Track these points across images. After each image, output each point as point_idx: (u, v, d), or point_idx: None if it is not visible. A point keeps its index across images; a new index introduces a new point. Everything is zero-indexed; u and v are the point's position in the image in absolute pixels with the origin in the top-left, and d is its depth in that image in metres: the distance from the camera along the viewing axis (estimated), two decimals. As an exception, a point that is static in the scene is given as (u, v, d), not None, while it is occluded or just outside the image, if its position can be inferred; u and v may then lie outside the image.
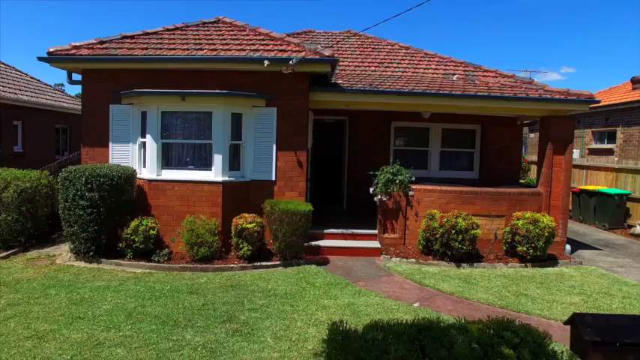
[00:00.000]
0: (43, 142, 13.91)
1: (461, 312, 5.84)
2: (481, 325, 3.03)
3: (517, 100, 8.40)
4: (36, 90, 14.23)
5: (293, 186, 8.15)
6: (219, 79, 7.88)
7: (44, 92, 14.54)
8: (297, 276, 6.98)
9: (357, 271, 7.49)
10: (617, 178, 12.31)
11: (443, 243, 7.76)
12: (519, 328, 3.01)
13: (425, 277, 7.18)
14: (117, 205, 7.32)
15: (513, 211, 8.33)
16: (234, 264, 7.39)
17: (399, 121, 10.46)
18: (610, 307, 6.10)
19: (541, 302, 6.21)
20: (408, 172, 8.43)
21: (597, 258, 8.98)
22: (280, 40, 8.36)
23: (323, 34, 13.24)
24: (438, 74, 10.41)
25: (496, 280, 7.12)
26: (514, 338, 2.80)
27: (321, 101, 8.48)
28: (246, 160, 8.09)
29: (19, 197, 7.66)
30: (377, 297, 6.22)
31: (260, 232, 7.44)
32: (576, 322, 2.70)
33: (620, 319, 2.65)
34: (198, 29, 9.04)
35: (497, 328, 2.98)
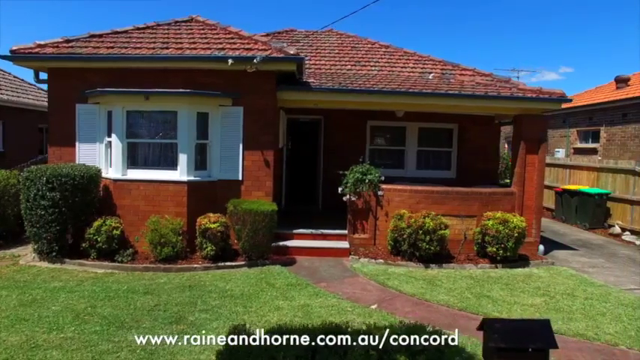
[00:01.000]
0: (26, 142, 13.88)
1: (418, 314, 5.78)
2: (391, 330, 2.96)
3: (487, 99, 8.33)
4: (18, 89, 14.21)
5: (260, 185, 8.09)
6: (185, 79, 7.83)
7: (27, 92, 14.52)
8: (259, 277, 6.93)
9: (322, 271, 7.43)
10: (599, 177, 12.21)
11: (410, 243, 7.69)
12: (431, 334, 2.95)
13: (390, 278, 7.11)
14: (81, 205, 7.29)
15: (485, 211, 8.24)
16: (198, 264, 7.35)
17: (374, 120, 10.40)
18: (570, 309, 6.02)
19: (502, 304, 6.13)
20: (377, 172, 8.35)
21: (571, 258, 8.90)
22: (248, 39, 8.30)
23: (304, 33, 13.15)
24: (414, 73, 10.32)
25: (461, 282, 7.05)
26: (416, 346, 2.73)
27: (289, 100, 8.42)
28: (213, 160, 8.04)
29: (-15, 197, 7.64)
30: (335, 298, 6.16)
31: (224, 232, 7.38)
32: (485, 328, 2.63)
33: (529, 324, 2.58)
34: (169, 28, 8.99)
35: (407, 333, 2.92)
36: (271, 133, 8.07)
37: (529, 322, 2.72)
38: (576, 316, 5.77)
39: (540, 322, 2.66)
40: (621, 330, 5.37)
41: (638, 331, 5.34)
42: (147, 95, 7.41)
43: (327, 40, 12.67)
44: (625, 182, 11.35)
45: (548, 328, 2.57)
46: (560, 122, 16.18)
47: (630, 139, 12.89)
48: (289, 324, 3.55)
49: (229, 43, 8.14)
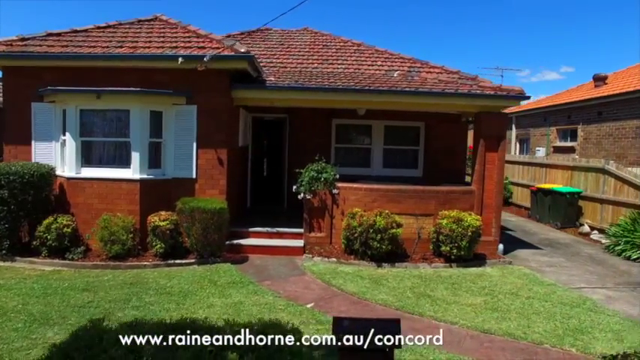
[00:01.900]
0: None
1: (352, 313, 5.77)
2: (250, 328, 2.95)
3: (444, 96, 8.30)
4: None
5: (214, 184, 8.11)
6: (141, 77, 7.85)
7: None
8: (204, 274, 6.96)
9: (271, 270, 7.44)
10: (572, 176, 12.11)
11: (362, 242, 7.68)
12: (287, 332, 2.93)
13: (336, 277, 7.11)
14: (33, 203, 7.35)
15: (442, 210, 8.21)
16: (148, 262, 7.40)
17: (340, 118, 10.38)
18: (508, 308, 5.99)
19: (440, 304, 6.10)
20: (333, 170, 8.35)
21: (532, 258, 8.83)
22: (204, 38, 8.32)
23: (279, 32, 13.17)
24: (380, 71, 10.29)
25: (408, 281, 7.02)
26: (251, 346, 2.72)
27: (245, 98, 8.44)
28: (167, 158, 8.08)
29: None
30: (272, 296, 6.17)
31: (173, 229, 7.43)
32: (333, 327, 2.63)
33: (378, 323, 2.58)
34: (130, 27, 9.03)
35: (263, 331, 2.91)
36: (225, 132, 8.09)
37: (378, 322, 2.70)
38: (511, 315, 5.74)
39: (390, 322, 2.65)
40: (551, 329, 5.34)
41: (567, 329, 5.31)
42: (98, 94, 7.45)
43: (301, 38, 12.67)
44: (595, 181, 11.25)
45: (397, 327, 2.56)
46: (541, 121, 16.06)
47: (605, 138, 12.77)
48: (180, 321, 3.56)
49: (184, 42, 8.17)
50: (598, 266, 8.36)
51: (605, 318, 5.73)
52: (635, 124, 11.74)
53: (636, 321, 5.70)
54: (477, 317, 5.65)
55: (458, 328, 5.39)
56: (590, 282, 7.39)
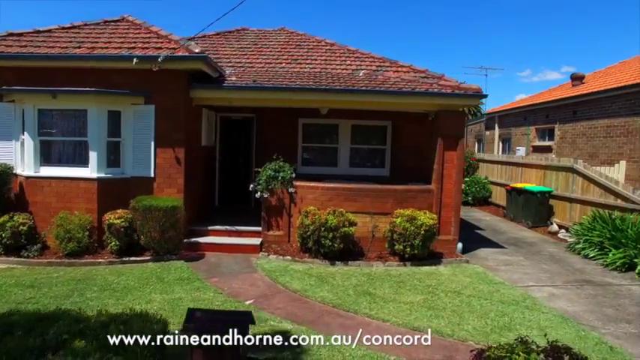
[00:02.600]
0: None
1: (288, 310, 5.86)
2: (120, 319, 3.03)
3: (400, 95, 8.35)
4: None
5: (172, 183, 8.22)
6: (100, 78, 7.97)
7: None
8: (154, 271, 7.07)
9: (223, 267, 7.55)
10: (545, 175, 12.11)
11: (315, 240, 7.75)
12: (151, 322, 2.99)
13: (285, 274, 7.19)
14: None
15: (399, 209, 8.25)
16: (104, 259, 7.52)
17: (306, 117, 10.45)
18: (445, 306, 6.04)
19: (379, 301, 6.16)
20: (290, 169, 8.42)
21: (492, 256, 8.86)
22: (163, 39, 8.43)
23: (255, 32, 13.27)
24: (347, 70, 10.34)
25: (354, 279, 7.09)
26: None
27: (204, 98, 8.54)
28: (126, 157, 8.19)
29: None
30: (213, 293, 6.27)
31: (128, 227, 7.54)
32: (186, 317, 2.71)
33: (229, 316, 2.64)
34: (95, 28, 9.14)
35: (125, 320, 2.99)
36: (183, 132, 8.18)
37: (230, 314, 2.78)
38: (445, 313, 5.79)
39: (242, 314, 2.72)
40: (480, 326, 5.39)
41: (495, 327, 5.36)
42: (54, 94, 7.57)
43: (275, 38, 12.74)
44: (565, 180, 11.25)
45: (247, 319, 2.63)
46: (522, 120, 16.04)
47: (579, 137, 12.74)
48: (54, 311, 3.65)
49: (143, 43, 8.28)
50: (554, 265, 8.38)
51: (538, 315, 5.78)
52: (605, 124, 11.71)
53: (568, 317, 5.74)
54: (411, 315, 5.71)
55: (388, 325, 5.45)
56: (540, 280, 7.42)
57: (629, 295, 6.80)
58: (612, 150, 11.43)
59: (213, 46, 11.80)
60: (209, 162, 10.25)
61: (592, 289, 7.01)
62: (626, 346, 5.01)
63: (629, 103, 10.92)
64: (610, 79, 12.51)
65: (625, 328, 5.56)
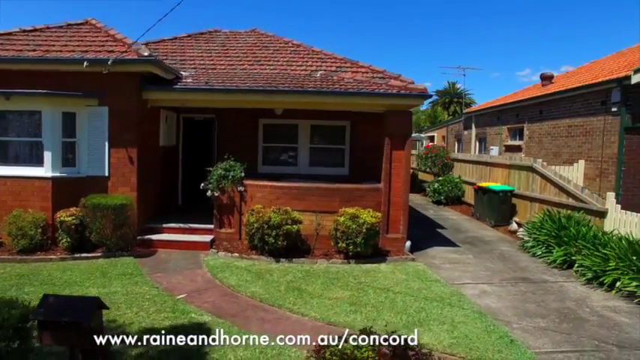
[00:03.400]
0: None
1: (215, 304, 6.07)
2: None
3: (345, 95, 8.55)
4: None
5: (125, 181, 8.48)
6: (56, 80, 8.23)
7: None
8: (101, 267, 7.34)
9: (171, 263, 7.80)
10: (510, 174, 12.23)
11: (259, 238, 7.98)
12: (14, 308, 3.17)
13: (226, 270, 7.42)
14: (-52, 200, 7.80)
15: (347, 207, 8.43)
16: (56, 255, 7.79)
17: (266, 118, 10.66)
18: (368, 302, 6.21)
19: (306, 297, 6.35)
20: (240, 168, 8.65)
21: (441, 255, 9.01)
22: (118, 42, 8.68)
23: (226, 34, 13.52)
24: (307, 71, 10.54)
25: (291, 275, 7.29)
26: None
27: (158, 100, 8.78)
28: (82, 157, 8.47)
29: None
30: (149, 287, 6.51)
31: (79, 224, 7.81)
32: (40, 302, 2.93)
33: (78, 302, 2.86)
34: (56, 31, 9.43)
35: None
36: (135, 132, 8.43)
37: (80, 300, 3.01)
38: (366, 309, 5.94)
39: (90, 300, 2.95)
40: (394, 322, 5.50)
41: (408, 322, 5.51)
42: (7, 96, 7.87)
43: (245, 40, 12.97)
44: (526, 179, 11.38)
45: (93, 305, 2.86)
46: (495, 120, 16.14)
47: (545, 136, 12.84)
48: None
49: (98, 46, 8.54)
50: (500, 263, 8.53)
51: (457, 311, 5.95)
52: (567, 123, 11.80)
53: (486, 313, 5.90)
54: (331, 310, 5.90)
55: (307, 319, 5.65)
56: (479, 278, 7.57)
57: (559, 291, 6.96)
58: (573, 149, 11.53)
59: (181, 48, 12.07)
60: (171, 162, 10.51)
61: (525, 287, 7.16)
62: (529, 340, 5.18)
63: (587, 103, 11.02)
64: (575, 79, 12.59)
65: (537, 322, 5.72)
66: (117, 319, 5.38)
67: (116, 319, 5.38)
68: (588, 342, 5.20)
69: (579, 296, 6.76)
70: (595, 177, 10.73)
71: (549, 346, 5.07)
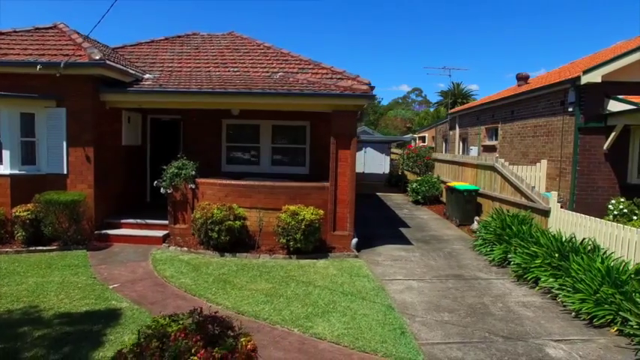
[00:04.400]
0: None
1: (143, 293, 6.41)
2: None
3: (290, 96, 8.81)
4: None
5: (83, 179, 8.93)
6: (14, 82, 8.71)
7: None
8: (49, 259, 7.79)
9: (120, 256, 8.19)
10: (477, 174, 12.26)
11: (204, 233, 8.30)
12: None
13: (167, 263, 7.78)
14: None
15: (293, 205, 8.68)
16: (11, 248, 8.27)
17: (229, 118, 11.00)
18: (284, 294, 6.43)
19: (228, 288, 6.62)
20: (193, 167, 9.00)
21: (388, 252, 9.15)
22: (77, 46, 9.14)
23: (203, 37, 13.90)
24: (267, 73, 10.83)
25: (225, 268, 7.58)
26: None
27: (115, 101, 9.20)
28: (42, 156, 8.95)
29: None
30: (86, 277, 6.91)
31: (34, 219, 8.28)
32: None
33: None
34: (22, 35, 9.87)
35: None
36: (92, 132, 8.87)
37: None
38: (278, 300, 6.19)
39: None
40: (299, 312, 5.77)
41: (311, 314, 5.74)
42: (-34, 98, 8.40)
43: (219, 42, 13.33)
44: (490, 178, 11.40)
45: None
46: (475, 120, 16.10)
47: (515, 136, 12.80)
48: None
49: (56, 49, 9.01)
50: (443, 260, 8.63)
51: (366, 305, 6.13)
52: (533, 124, 11.75)
53: (395, 307, 6.07)
54: (245, 300, 6.17)
55: (220, 308, 5.89)
56: (412, 275, 7.71)
57: (484, 288, 7.05)
58: (538, 149, 11.49)
59: (155, 51, 12.52)
60: (137, 160, 10.94)
61: (453, 283, 7.28)
62: (422, 332, 5.35)
63: (549, 103, 10.97)
64: (545, 79, 12.52)
65: (442, 316, 5.87)
66: (39, 305, 5.78)
67: (38, 305, 5.79)
68: (480, 334, 5.34)
69: (501, 292, 6.85)
70: (556, 176, 10.69)
71: (439, 338, 5.24)
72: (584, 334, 5.41)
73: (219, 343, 3.08)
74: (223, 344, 3.07)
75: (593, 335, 5.40)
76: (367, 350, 4.84)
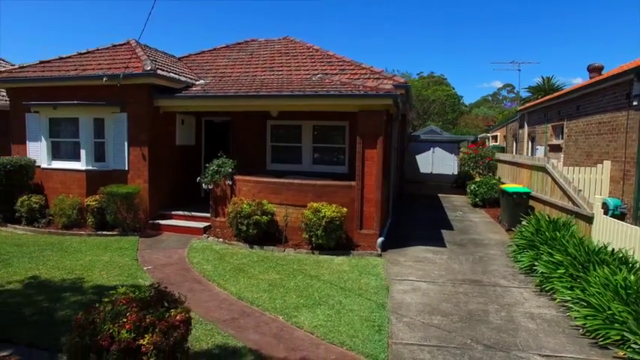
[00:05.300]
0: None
1: (168, 275, 7.29)
2: None
3: (315, 97, 9.13)
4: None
5: (140, 175, 10.21)
6: (89, 92, 10.30)
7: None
8: (108, 242, 9.11)
9: (164, 243, 9.27)
10: (531, 175, 11.44)
11: (235, 226, 9.02)
12: None
13: (199, 252, 8.62)
14: (18, 185, 10.31)
15: (319, 202, 9.00)
16: (85, 232, 9.81)
17: (272, 119, 11.64)
18: (286, 285, 6.81)
19: (240, 276, 7.20)
20: (231, 165, 9.78)
21: (414, 253, 8.99)
22: (137, 59, 10.44)
23: (260, 43, 14.79)
24: (308, 75, 11.28)
25: (247, 259, 8.19)
26: None
27: (166, 106, 10.33)
28: (109, 154, 10.43)
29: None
30: (129, 259, 8.03)
31: (100, 208, 9.72)
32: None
33: None
34: (100, 52, 11.56)
35: None
36: (147, 134, 10.10)
37: None
38: (279, 290, 6.61)
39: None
40: (292, 302, 6.14)
41: (302, 304, 6.06)
42: (54, 106, 10.12)
43: (273, 47, 14.08)
44: (542, 181, 10.59)
45: None
46: (542, 117, 14.79)
47: (580, 135, 11.60)
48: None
49: (122, 63, 10.40)
50: (469, 265, 8.30)
51: (358, 301, 6.26)
52: (597, 120, 10.55)
53: (385, 306, 6.12)
54: (249, 288, 6.69)
55: (224, 293, 6.56)
56: (426, 277, 7.57)
57: (498, 296, 6.72)
58: (602, 149, 10.33)
59: (214, 58, 13.69)
60: (192, 159, 12.09)
61: (466, 288, 7.05)
62: (401, 332, 5.38)
63: (614, 97, 9.81)
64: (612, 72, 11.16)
65: (432, 319, 5.80)
66: (84, 278, 6.92)
67: (84, 277, 6.92)
68: (461, 340, 5.21)
69: (513, 302, 6.49)
70: (619, 179, 9.58)
71: (416, 339, 5.22)
72: (581, 353, 4.99)
73: (153, 313, 3.59)
74: (155, 312, 3.57)
75: (592, 355, 4.95)
76: (335, 342, 5.05)
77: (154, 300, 3.77)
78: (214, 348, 4.84)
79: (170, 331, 3.53)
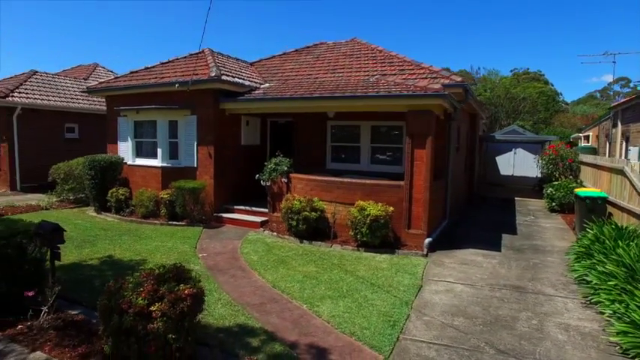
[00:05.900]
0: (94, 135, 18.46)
1: (218, 262, 8.01)
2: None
3: (364, 99, 9.26)
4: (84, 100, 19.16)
5: (207, 171, 11.23)
6: (165, 98, 11.55)
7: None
8: (175, 231, 10.19)
9: (223, 234, 10.11)
10: (611, 179, 10.37)
11: (286, 221, 9.54)
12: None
13: (251, 243, 9.27)
14: (109, 179, 11.97)
15: (368, 201, 9.16)
16: (158, 221, 11.07)
17: (332, 120, 11.99)
18: (318, 277, 7.08)
19: (280, 267, 7.63)
20: (287, 164, 10.34)
21: (463, 256, 8.74)
22: (205, 67, 11.47)
23: (328, 45, 15.25)
24: (367, 76, 11.46)
25: (291, 252, 8.62)
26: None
27: (230, 109, 11.21)
28: (181, 152, 11.61)
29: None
30: (188, 246, 8.92)
31: (171, 200, 10.90)
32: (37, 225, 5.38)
33: (50, 225, 5.13)
34: (178, 61, 12.88)
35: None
36: (214, 135, 11.07)
37: (52, 224, 5.30)
38: (311, 281, 6.91)
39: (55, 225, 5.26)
40: (320, 293, 6.42)
41: (326, 295, 6.32)
42: (137, 110, 11.55)
43: (339, 49, 14.45)
44: (621, 184, 9.56)
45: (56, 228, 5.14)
46: (637, 114, 13.10)
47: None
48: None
49: (194, 70, 11.51)
50: (518, 271, 7.86)
51: (383, 297, 6.35)
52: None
53: (410, 304, 6.13)
54: (285, 278, 7.11)
55: (262, 280, 7.05)
56: (465, 279, 7.33)
57: (537, 304, 6.33)
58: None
59: (282, 62, 14.45)
60: (257, 157, 12.91)
61: (504, 294, 6.74)
62: (415, 330, 5.39)
63: None
64: None
65: (453, 320, 5.70)
66: (147, 260, 7.90)
67: (146, 260, 7.90)
68: (474, 343, 5.09)
69: (552, 311, 6.08)
70: None
71: (428, 337, 5.21)
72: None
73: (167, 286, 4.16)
74: (168, 286, 4.13)
75: (618, 373, 4.54)
76: (346, 332, 5.24)
77: (169, 276, 4.35)
78: (234, 326, 5.33)
79: (178, 302, 4.06)
